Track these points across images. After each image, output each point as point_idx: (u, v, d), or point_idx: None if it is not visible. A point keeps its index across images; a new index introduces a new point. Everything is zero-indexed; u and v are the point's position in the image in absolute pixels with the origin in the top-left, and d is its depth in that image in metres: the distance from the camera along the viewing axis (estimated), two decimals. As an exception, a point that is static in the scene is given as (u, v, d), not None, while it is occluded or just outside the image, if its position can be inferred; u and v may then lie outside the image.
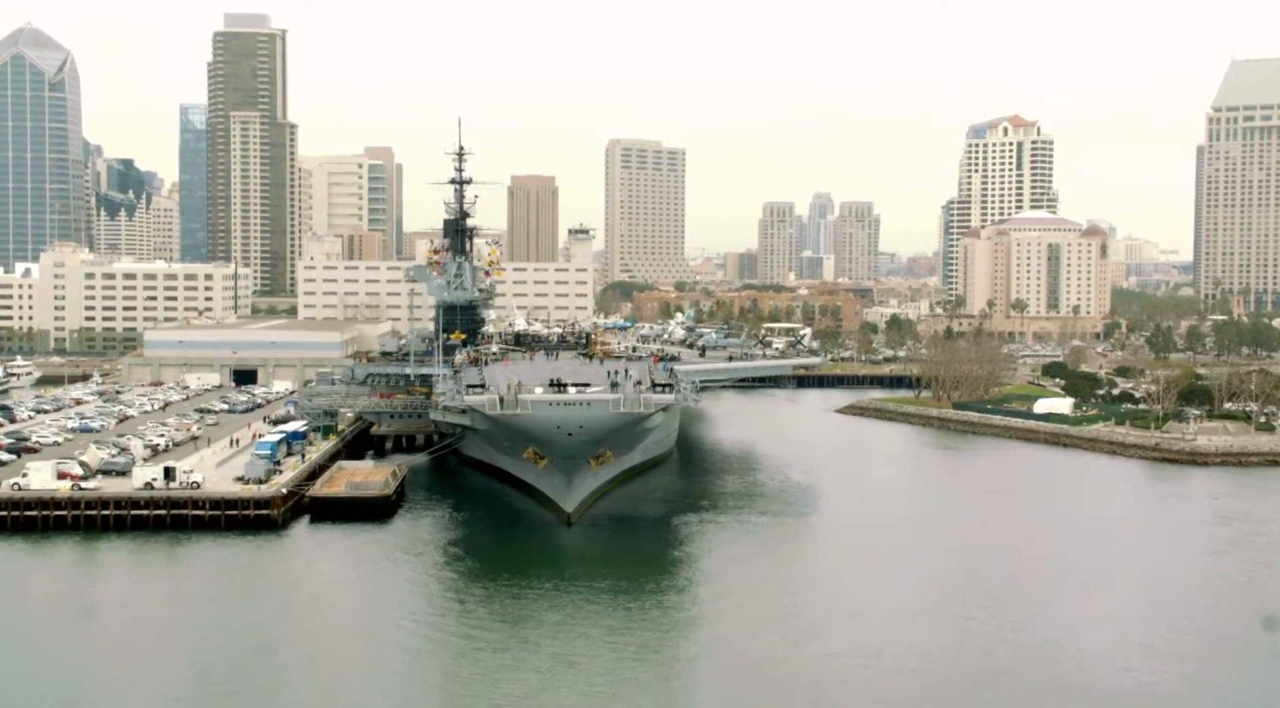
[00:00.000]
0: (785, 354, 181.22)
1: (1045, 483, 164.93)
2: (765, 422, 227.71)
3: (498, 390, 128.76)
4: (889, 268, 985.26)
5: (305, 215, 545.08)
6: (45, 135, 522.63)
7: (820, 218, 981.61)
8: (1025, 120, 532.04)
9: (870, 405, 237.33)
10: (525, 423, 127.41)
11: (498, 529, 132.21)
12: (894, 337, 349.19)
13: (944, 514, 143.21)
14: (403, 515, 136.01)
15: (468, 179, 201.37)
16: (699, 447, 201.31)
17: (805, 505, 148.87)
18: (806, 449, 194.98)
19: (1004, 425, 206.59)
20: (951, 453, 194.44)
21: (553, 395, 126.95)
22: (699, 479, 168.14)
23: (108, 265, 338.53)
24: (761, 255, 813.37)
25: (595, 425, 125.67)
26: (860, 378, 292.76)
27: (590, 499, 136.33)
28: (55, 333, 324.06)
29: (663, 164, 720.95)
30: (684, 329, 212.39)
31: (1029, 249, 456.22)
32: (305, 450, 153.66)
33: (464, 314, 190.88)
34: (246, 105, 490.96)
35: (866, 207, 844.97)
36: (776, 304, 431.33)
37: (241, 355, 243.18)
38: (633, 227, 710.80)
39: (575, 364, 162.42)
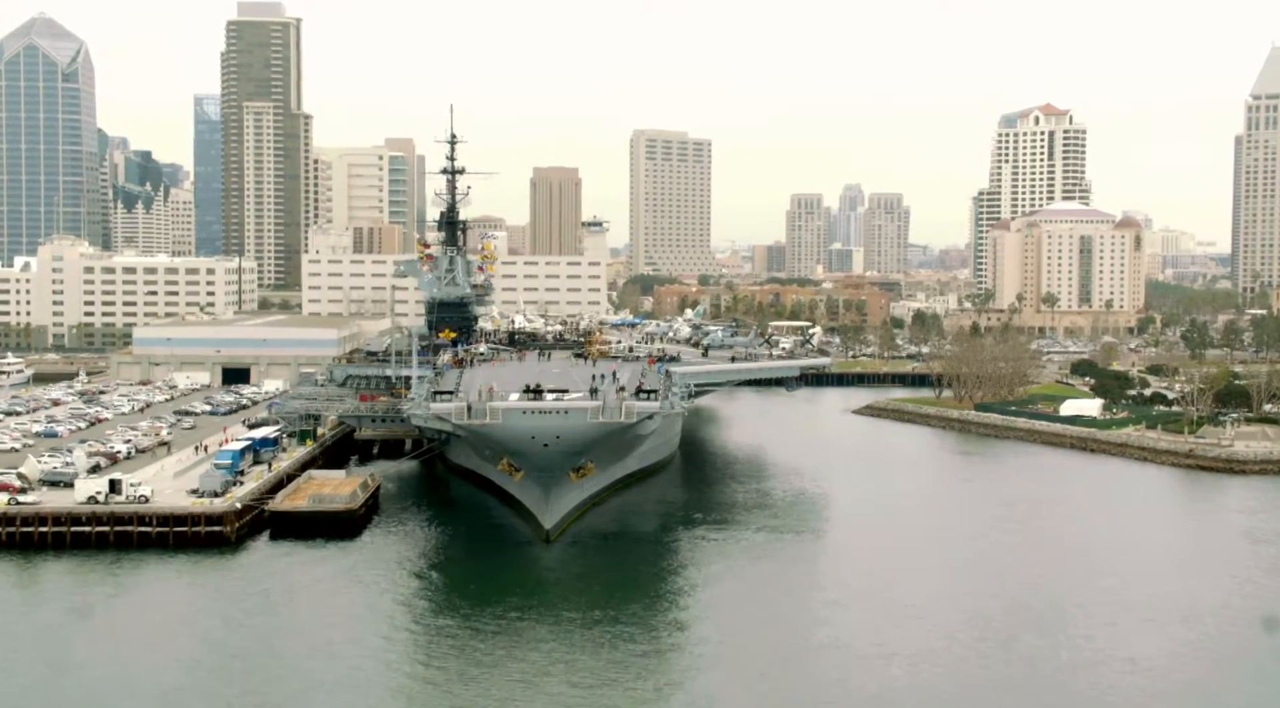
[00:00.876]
0: (793, 354, 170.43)
1: (1068, 495, 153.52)
2: (778, 423, 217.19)
3: (466, 398, 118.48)
4: (920, 260, 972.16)
5: (324, 207, 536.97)
6: (58, 127, 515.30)
7: (850, 210, 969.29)
8: (1057, 109, 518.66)
9: (888, 406, 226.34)
10: (496, 434, 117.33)
11: (470, 547, 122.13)
12: (918, 332, 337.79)
13: (959, 533, 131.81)
14: (371, 531, 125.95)
15: (460, 168, 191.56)
16: (705, 451, 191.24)
17: (813, 520, 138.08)
18: (818, 454, 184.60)
19: (1028, 428, 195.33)
20: (970, 460, 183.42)
21: (527, 403, 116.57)
22: (701, 488, 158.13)
23: (107, 259, 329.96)
24: (789, 248, 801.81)
25: (573, 436, 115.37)
26: (881, 376, 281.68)
27: (574, 514, 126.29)
28: (54, 329, 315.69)
29: (688, 155, 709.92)
30: (690, 327, 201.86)
31: (1060, 241, 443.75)
32: (275, 459, 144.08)
33: (455, 312, 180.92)
34: (260, 96, 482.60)
35: (896, 198, 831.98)
36: (800, 298, 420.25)
37: (233, 354, 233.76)
38: (657, 219, 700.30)
39: (564, 366, 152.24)
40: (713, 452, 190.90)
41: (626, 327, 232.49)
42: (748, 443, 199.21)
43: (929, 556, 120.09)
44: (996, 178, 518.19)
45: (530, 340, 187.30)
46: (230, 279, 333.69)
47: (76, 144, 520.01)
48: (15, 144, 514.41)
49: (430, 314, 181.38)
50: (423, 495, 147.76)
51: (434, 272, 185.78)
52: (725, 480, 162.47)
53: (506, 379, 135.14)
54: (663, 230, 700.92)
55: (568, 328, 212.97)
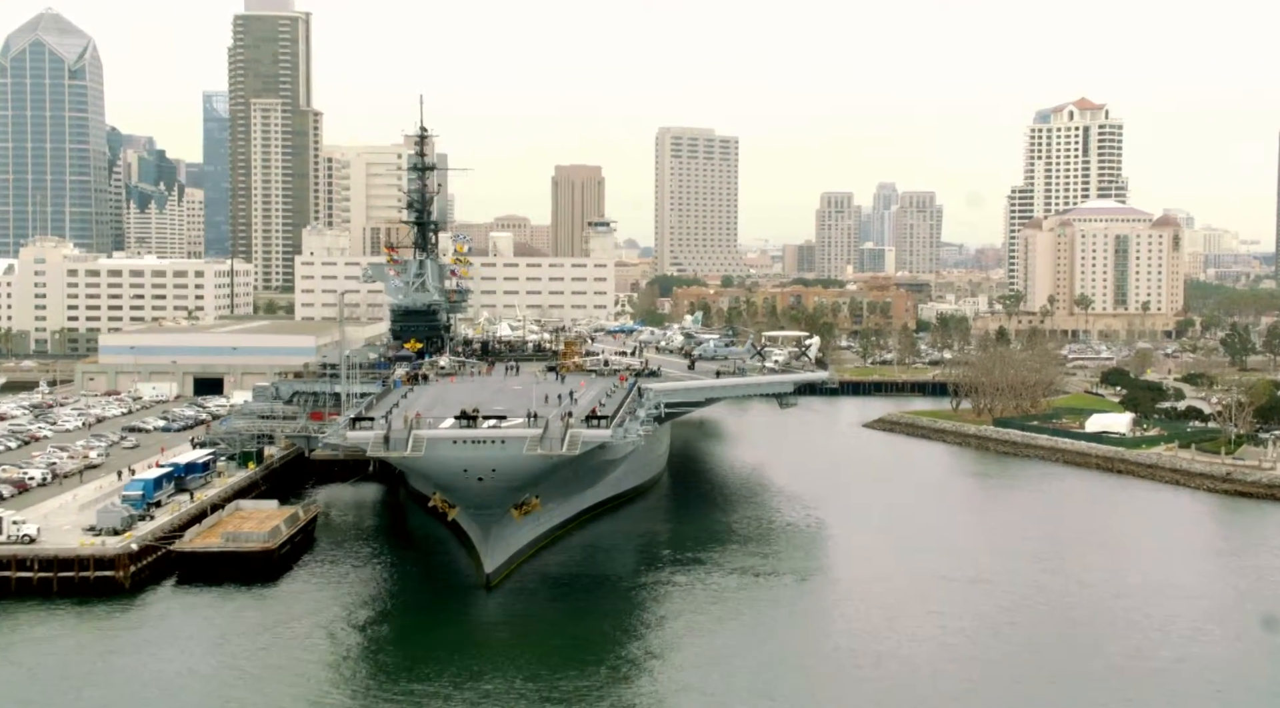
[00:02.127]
0: (789, 367, 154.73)
1: (1090, 529, 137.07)
2: (782, 438, 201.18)
3: (389, 425, 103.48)
4: (956, 260, 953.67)
5: (340, 206, 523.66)
6: (65, 125, 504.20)
7: (884, 209, 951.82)
8: (1092, 103, 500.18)
9: (902, 419, 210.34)
10: (422, 466, 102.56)
11: (398, 596, 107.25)
12: (941, 337, 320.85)
13: (969, 575, 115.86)
14: (293, 573, 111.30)
15: (430, 165, 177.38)
16: (699, 470, 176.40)
17: (804, 560, 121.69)
18: (821, 476, 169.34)
19: (1050, 446, 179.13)
20: (986, 484, 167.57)
21: (457, 432, 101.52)
22: (685, 517, 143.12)
23: (91, 261, 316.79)
24: (819, 247, 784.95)
25: (511, 469, 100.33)
26: (900, 384, 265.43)
27: (525, 553, 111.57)
28: (35, 334, 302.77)
29: (714, 153, 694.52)
30: (683, 335, 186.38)
31: (1094, 241, 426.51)
32: (205, 487, 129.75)
33: (422, 320, 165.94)
34: (268, 92, 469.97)
35: (928, 196, 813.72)
36: (822, 300, 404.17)
37: (205, 363, 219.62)
38: (683, 218, 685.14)
39: (530, 383, 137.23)
40: (707, 471, 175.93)
41: (622, 333, 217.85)
42: (747, 461, 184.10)
43: (935, 605, 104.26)
44: (1029, 175, 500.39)
45: (507, 351, 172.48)
46: (221, 282, 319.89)
47: (84, 143, 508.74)
48: (21, 143, 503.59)
49: (394, 323, 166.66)
50: (368, 528, 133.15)
51: (402, 277, 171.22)
52: (714, 507, 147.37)
53: (456, 399, 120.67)
54: (688, 230, 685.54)
55: (556, 336, 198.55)
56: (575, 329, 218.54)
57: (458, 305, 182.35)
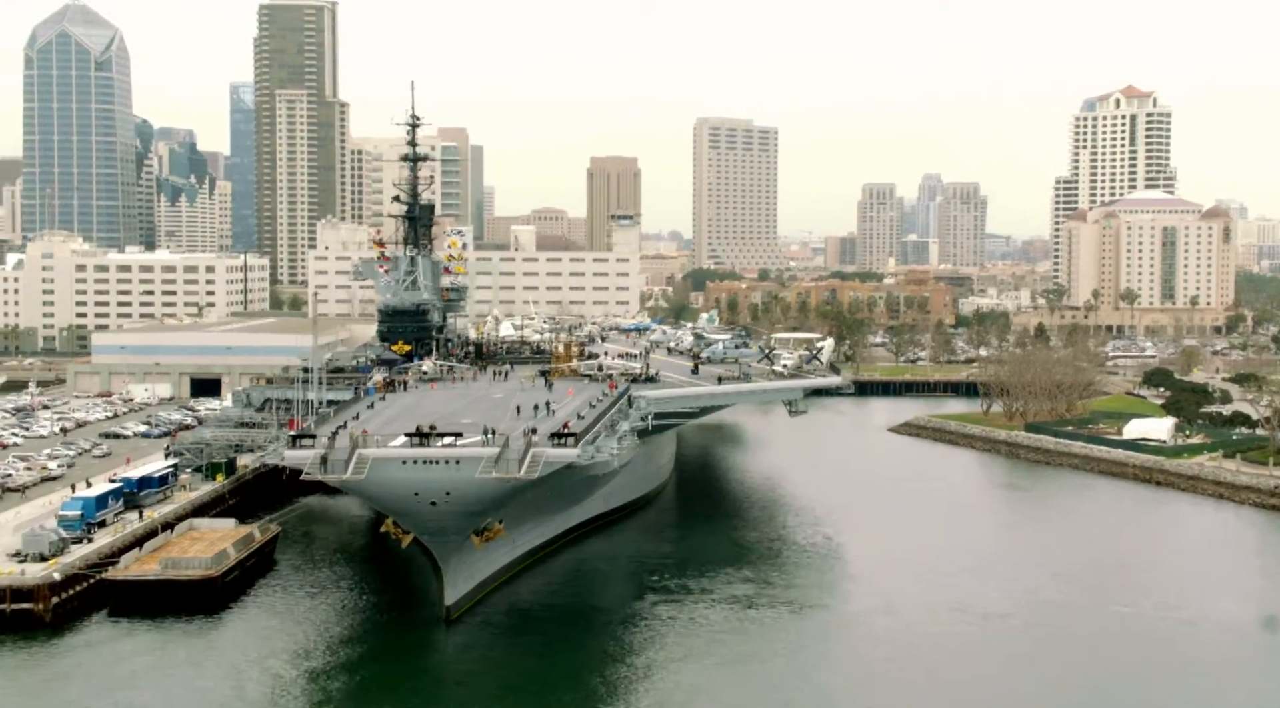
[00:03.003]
0: (799, 371, 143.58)
1: (1127, 550, 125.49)
2: (802, 442, 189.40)
3: (330, 444, 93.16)
4: (1003, 251, 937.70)
5: (371, 198, 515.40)
6: (92, 117, 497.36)
7: (929, 200, 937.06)
8: (1140, 91, 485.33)
9: (929, 424, 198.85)
10: (367, 490, 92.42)
11: (353, 628, 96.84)
12: (977, 334, 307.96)
13: (987, 607, 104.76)
14: (240, 604, 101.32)
15: (421, 155, 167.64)
16: (708, 479, 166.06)
17: (810, 588, 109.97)
18: (840, 486, 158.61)
19: (1084, 455, 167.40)
20: (1015, 497, 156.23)
21: (406, 451, 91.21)
22: (687, 534, 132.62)
23: (100, 257, 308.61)
24: (860, 240, 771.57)
25: (467, 493, 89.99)
26: (933, 384, 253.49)
27: (495, 580, 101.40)
28: (44, 331, 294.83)
29: (753, 144, 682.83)
30: (693, 336, 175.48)
31: (1141, 233, 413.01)
32: (163, 503, 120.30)
33: (410, 321, 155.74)
34: (293, 83, 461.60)
35: (972, 187, 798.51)
36: (857, 295, 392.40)
37: (202, 362, 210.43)
38: (721, 210, 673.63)
39: (514, 390, 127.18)
40: (717, 481, 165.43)
41: (636, 332, 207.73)
42: (761, 469, 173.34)
43: (950, 646, 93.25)
44: (1075, 165, 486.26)
45: (504, 353, 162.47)
46: (234, 278, 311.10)
47: (110, 135, 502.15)
48: (48, 135, 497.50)
49: (381, 324, 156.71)
50: (335, 548, 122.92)
51: (393, 274, 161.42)
52: (718, 523, 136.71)
53: (429, 409, 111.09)
54: (726, 222, 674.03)
55: (557, 336, 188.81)
56: (587, 327, 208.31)
57: (454, 304, 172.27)
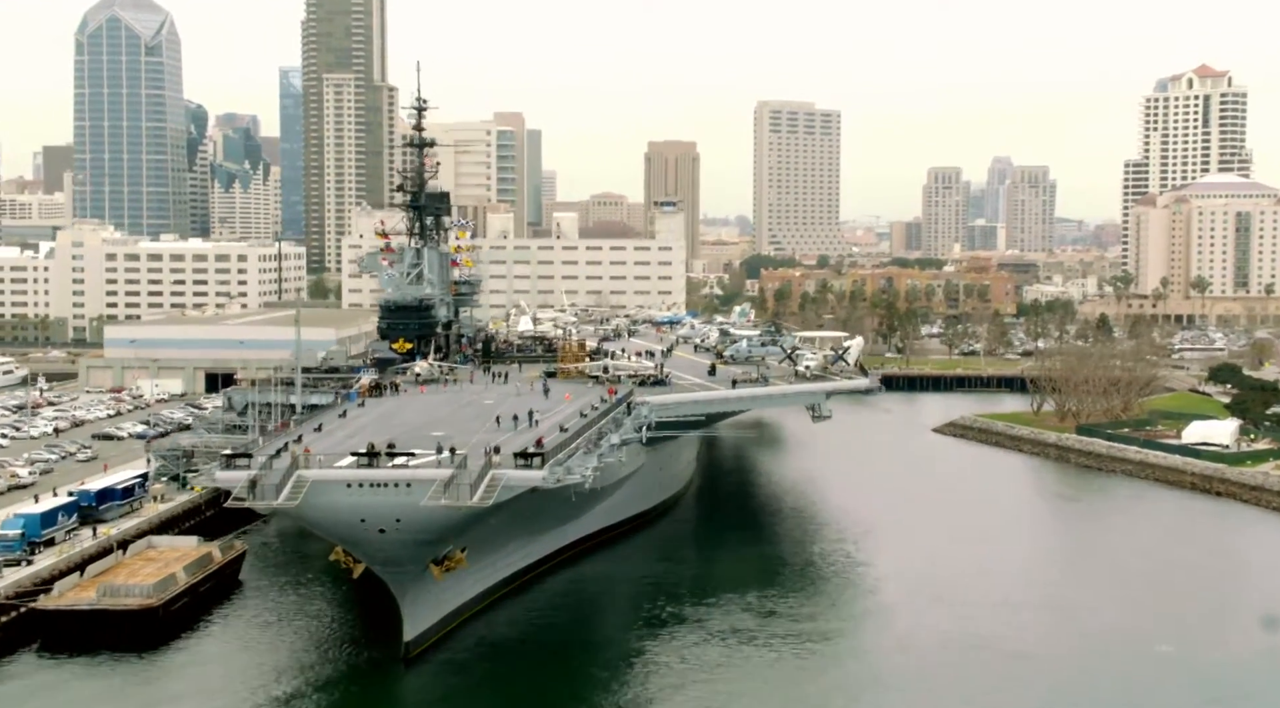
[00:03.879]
0: (825, 373, 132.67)
1: (1175, 575, 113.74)
2: (840, 443, 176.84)
3: (268, 465, 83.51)
4: (1075, 236, 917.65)
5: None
6: (142, 103, 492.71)
7: (999, 184, 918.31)
8: (1213, 70, 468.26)
9: (974, 424, 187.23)
10: (307, 517, 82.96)
11: (305, 667, 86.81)
12: (1036, 324, 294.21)
13: (1023, 646, 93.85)
14: (186, 636, 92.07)
15: (428, 140, 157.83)
16: (732, 485, 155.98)
17: (825, 615, 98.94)
18: (872, 493, 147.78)
19: (1139, 461, 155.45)
20: (1057, 509, 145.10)
21: (351, 472, 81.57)
22: (701, 551, 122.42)
23: (131, 246, 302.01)
24: (925, 225, 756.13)
25: (419, 519, 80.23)
26: (985, 379, 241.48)
27: (464, 612, 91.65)
28: (74, 321, 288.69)
29: (815, 127, 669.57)
30: (719, 331, 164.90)
31: (1213, 218, 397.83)
32: (127, 516, 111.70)
33: (413, 317, 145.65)
34: (340, 67, 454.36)
35: (1041, 171, 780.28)
36: (915, 283, 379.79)
37: (218, 356, 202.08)
38: (782, 195, 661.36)
39: (507, 394, 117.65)
40: (742, 487, 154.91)
41: (668, 325, 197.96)
42: (794, 473, 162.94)
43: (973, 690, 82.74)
44: (1145, 148, 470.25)
45: (513, 351, 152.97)
46: (267, 266, 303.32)
47: (160, 121, 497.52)
48: (98, 122, 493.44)
49: (381, 320, 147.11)
50: (306, 569, 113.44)
51: (397, 267, 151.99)
52: (736, 537, 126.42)
53: (408, 419, 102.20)
54: (787, 207, 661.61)
55: (585, 328, 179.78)
56: (615, 321, 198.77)
57: (466, 299, 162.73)
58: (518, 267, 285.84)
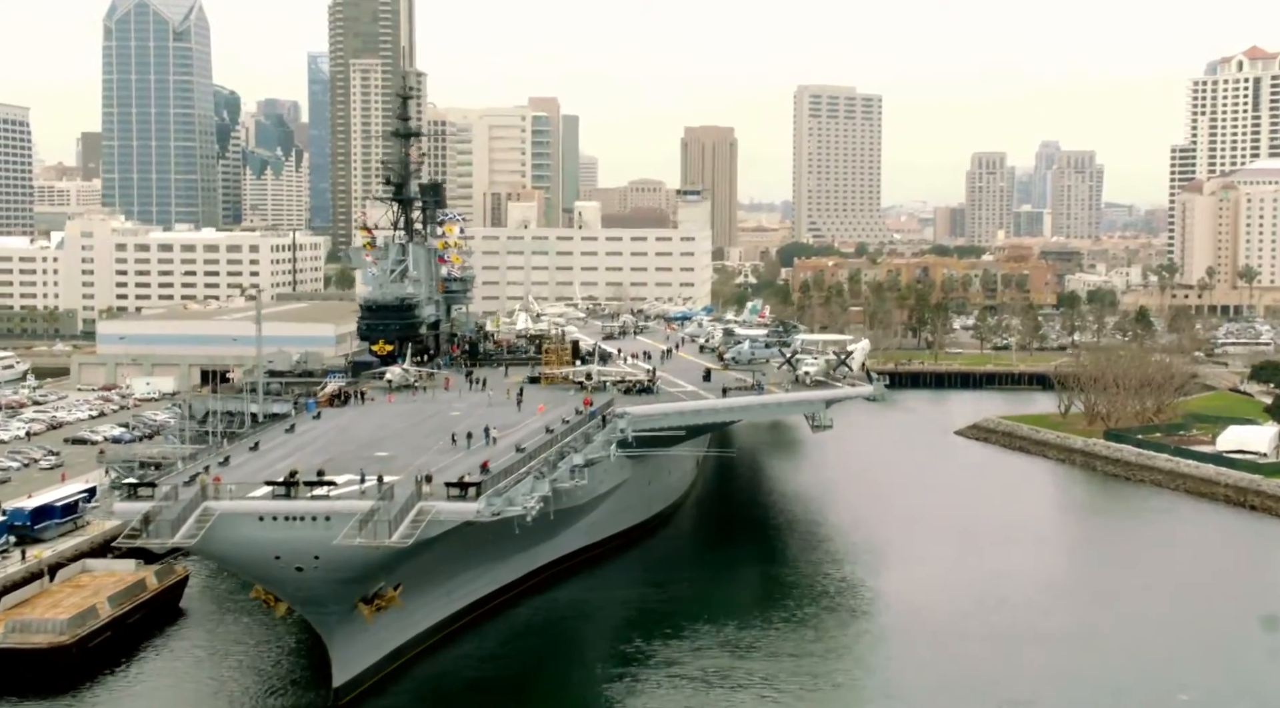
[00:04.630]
0: (828, 379, 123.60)
1: (1195, 608, 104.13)
2: (856, 446, 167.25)
3: (173, 495, 75.33)
4: (1125, 221, 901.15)
5: (456, 171, 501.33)
6: (170, 90, 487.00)
7: (1046, 168, 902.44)
8: (1265, 52, 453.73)
9: (998, 427, 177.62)
10: (215, 552, 75.05)
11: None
12: (1072, 317, 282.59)
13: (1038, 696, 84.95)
14: (104, 676, 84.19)
15: (415, 130, 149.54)
16: (738, 493, 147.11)
17: (808, 657, 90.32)
18: (882, 505, 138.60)
19: (1169, 470, 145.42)
20: (1088, 523, 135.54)
21: (264, 504, 73.46)
22: (691, 571, 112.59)
23: (141, 236, 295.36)
24: (969, 211, 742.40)
25: (340, 558, 72.02)
26: (1016, 376, 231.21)
27: (405, 652, 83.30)
28: (84, 313, 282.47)
29: (856, 112, 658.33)
30: (723, 331, 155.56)
31: (1262, 205, 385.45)
32: (70, 534, 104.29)
33: (393, 317, 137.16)
34: (368, 52, 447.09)
35: (1087, 156, 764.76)
36: (951, 273, 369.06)
37: (213, 353, 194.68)
38: (822, 181, 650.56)
39: (476, 403, 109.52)
40: (748, 496, 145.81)
41: (680, 321, 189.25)
42: (804, 481, 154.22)
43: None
44: (1193, 133, 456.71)
45: (503, 353, 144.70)
46: (281, 257, 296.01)
47: (189, 108, 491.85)
48: (126, 108, 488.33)
49: (360, 320, 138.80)
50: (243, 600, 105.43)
51: (382, 263, 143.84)
52: (732, 555, 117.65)
53: (362, 433, 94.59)
54: (827, 194, 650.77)
55: (592, 324, 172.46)
56: (623, 317, 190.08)
57: (457, 297, 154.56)
58: (536, 258, 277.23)
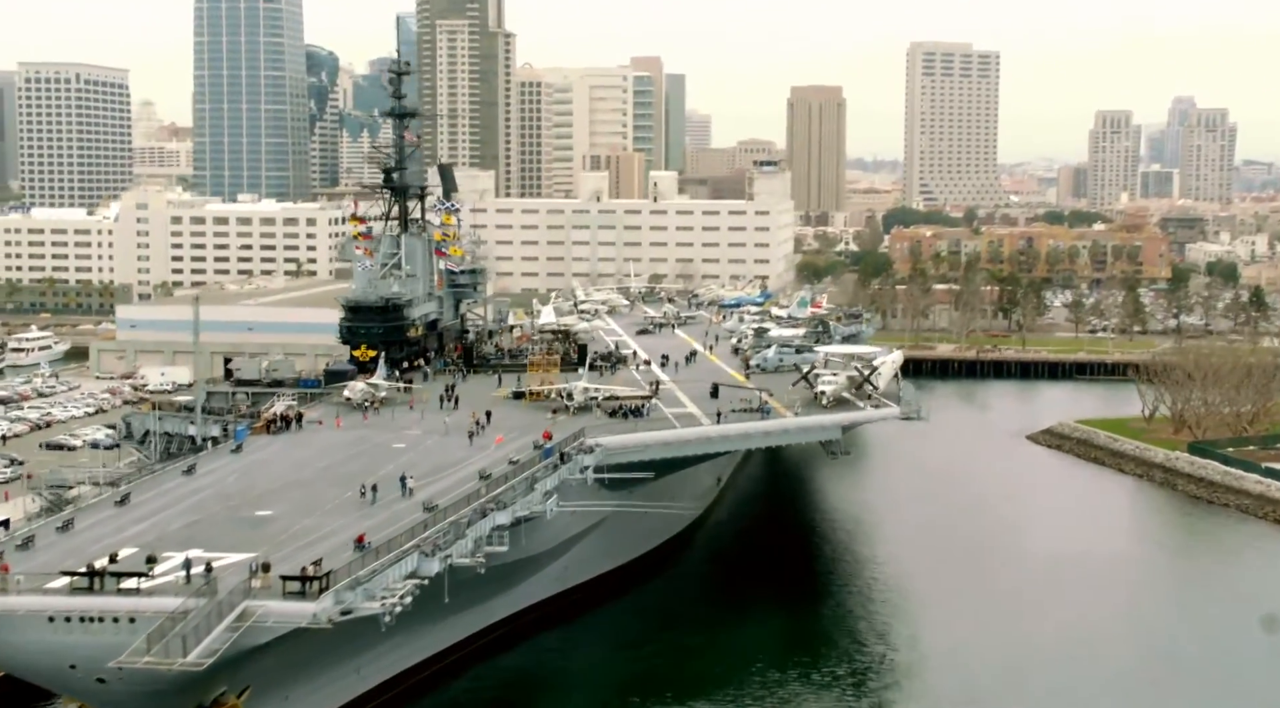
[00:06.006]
0: (853, 397, 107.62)
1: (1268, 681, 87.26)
2: (916, 453, 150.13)
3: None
4: (1264, 180, 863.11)
5: (553, 132, 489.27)
6: (260, 51, 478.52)
7: (1179, 125, 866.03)
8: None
9: (1073, 433, 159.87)
10: (1, 656, 62.02)
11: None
12: (1181, 296, 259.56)
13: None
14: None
15: (409, 110, 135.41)
16: (766, 514, 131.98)
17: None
18: (934, 532, 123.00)
19: (1259, 494, 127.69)
20: (1153, 560, 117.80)
21: (57, 601, 60.10)
22: (691, 620, 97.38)
23: (198, 208, 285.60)
24: (1091, 172, 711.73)
25: (145, 673, 58.23)
26: (1110, 366, 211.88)
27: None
28: (139, 288, 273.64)
29: (972, 69, 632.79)
30: (753, 330, 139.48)
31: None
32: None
33: (378, 320, 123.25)
34: (454, 13, 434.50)
35: (1219, 114, 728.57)
36: (1057, 245, 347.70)
37: (236, 341, 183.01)
38: (935, 142, 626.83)
39: (433, 427, 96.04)
40: (773, 521, 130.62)
41: (736, 308, 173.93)
42: (845, 499, 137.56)
43: None
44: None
45: (503, 358, 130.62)
46: (339, 230, 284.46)
47: (279, 70, 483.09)
48: (217, 71, 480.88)
49: (342, 322, 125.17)
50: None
51: (375, 259, 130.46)
52: (743, 599, 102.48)
53: (260, 482, 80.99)
54: (940, 154, 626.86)
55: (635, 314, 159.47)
56: (665, 307, 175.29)
57: (466, 293, 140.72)
58: (603, 233, 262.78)
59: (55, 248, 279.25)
